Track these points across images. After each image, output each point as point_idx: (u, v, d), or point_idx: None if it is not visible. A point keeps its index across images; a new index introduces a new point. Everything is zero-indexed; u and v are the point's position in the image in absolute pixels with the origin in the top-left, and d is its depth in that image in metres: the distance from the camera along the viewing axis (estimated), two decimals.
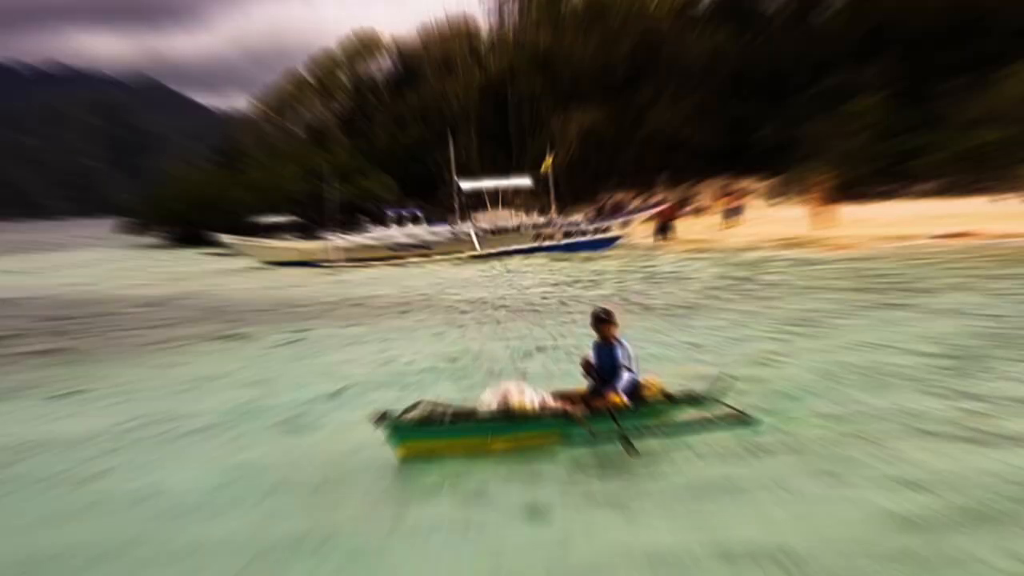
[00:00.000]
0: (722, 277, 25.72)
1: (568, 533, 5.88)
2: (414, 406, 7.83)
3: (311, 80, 66.96)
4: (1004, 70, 40.95)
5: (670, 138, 51.01)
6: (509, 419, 7.68)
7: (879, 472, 6.63)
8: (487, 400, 7.94)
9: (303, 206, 48.42)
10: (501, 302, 22.28)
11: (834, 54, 48.56)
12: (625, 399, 8.01)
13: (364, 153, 60.26)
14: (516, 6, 61.59)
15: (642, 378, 8.42)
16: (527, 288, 25.59)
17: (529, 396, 7.88)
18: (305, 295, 26.40)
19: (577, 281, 27.02)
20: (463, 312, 20.69)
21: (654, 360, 11.79)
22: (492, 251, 37.63)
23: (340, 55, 66.57)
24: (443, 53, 61.85)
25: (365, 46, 65.55)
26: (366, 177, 55.63)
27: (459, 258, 37.06)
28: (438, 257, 37.23)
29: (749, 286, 22.97)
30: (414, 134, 58.74)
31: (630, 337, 9.77)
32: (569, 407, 7.98)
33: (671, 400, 8.51)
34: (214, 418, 10.02)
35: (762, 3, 55.37)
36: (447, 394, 10.12)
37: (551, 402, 8.00)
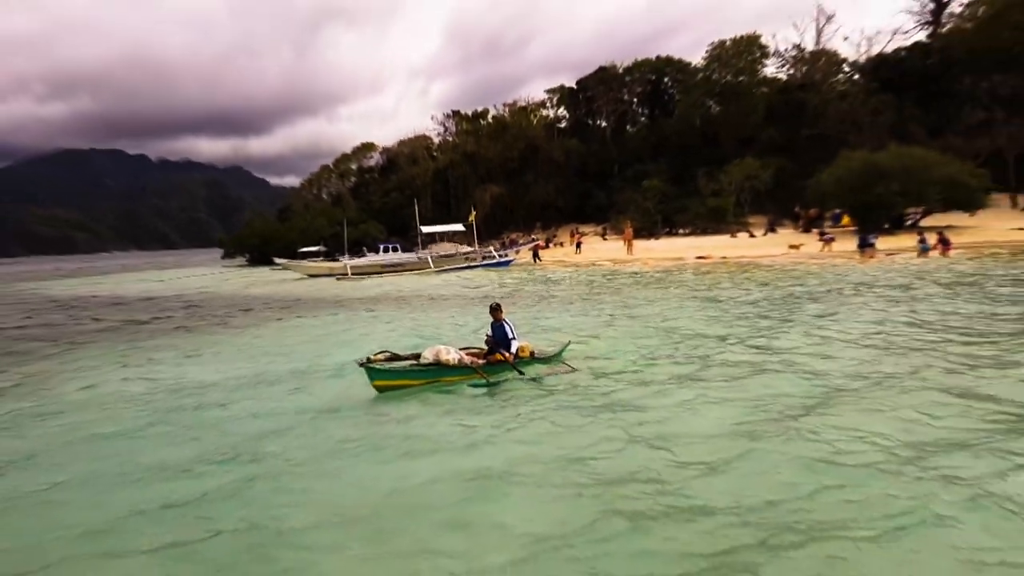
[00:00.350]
0: (575, 281, 31.91)
1: (471, 425, 8.93)
2: (382, 352, 11.34)
3: (333, 168, 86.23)
4: (729, 165, 57.90)
5: (543, 202, 66.84)
6: (440, 367, 10.99)
7: (631, 404, 9.51)
8: (426, 355, 11.08)
9: (328, 241, 59.98)
10: (448, 295, 28.27)
11: (637, 154, 66.32)
12: (511, 356, 11.52)
13: (365, 210, 74.34)
14: (454, 126, 78.60)
15: (520, 343, 11.92)
16: (461, 288, 31.43)
17: (453, 354, 11.13)
18: (332, 293, 32.57)
19: (489, 283, 33.59)
20: (431, 299, 27.00)
21: (539, 329, 16.44)
22: (441, 268, 46.05)
23: (351, 154, 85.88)
24: (411, 152, 78.40)
25: (365, 149, 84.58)
26: (366, 224, 68.31)
27: (422, 273, 44.41)
28: (408, 272, 44.99)
29: (591, 287, 28.34)
30: (395, 199, 72.24)
31: (525, 314, 17.40)
32: (475, 361, 11.42)
33: (534, 357, 12.10)
34: (289, 369, 13.54)
35: (597, 122, 73.06)
36: (416, 342, 14.46)
37: (466, 358, 11.27)
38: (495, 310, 11.97)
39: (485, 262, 46.74)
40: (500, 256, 48.56)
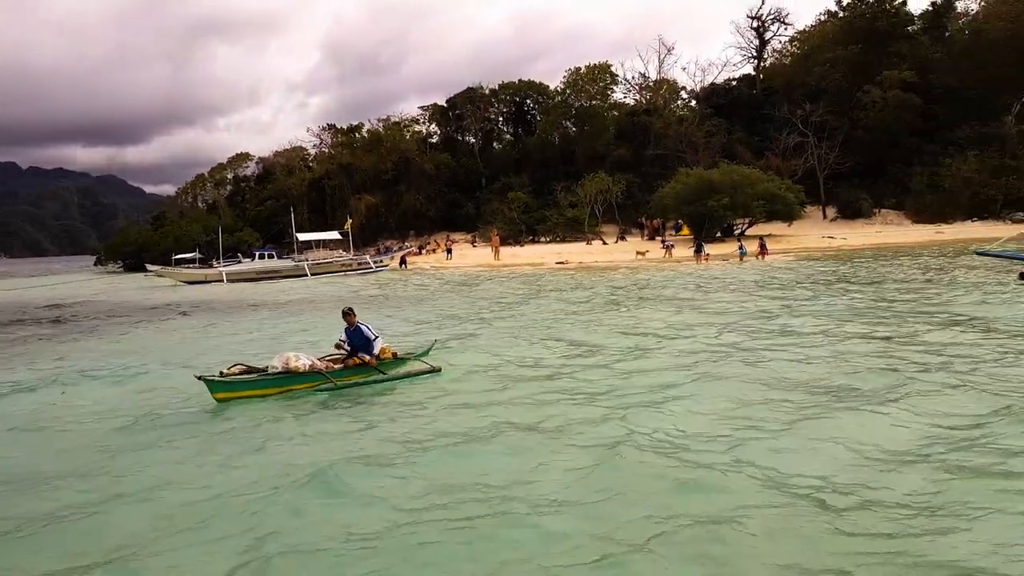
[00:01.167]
0: (444, 283, 33.87)
1: (316, 429, 8.68)
2: (235, 365, 10.57)
3: (208, 176, 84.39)
4: (584, 179, 60.60)
5: (416, 211, 68.51)
6: (290, 375, 10.51)
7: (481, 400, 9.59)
8: (274, 363, 10.55)
9: (204, 248, 59.31)
10: (324, 299, 28.86)
11: (503, 168, 69.56)
12: (372, 359, 11.23)
13: (240, 218, 73.67)
14: (329, 138, 79.42)
15: (382, 344, 11.58)
16: (337, 293, 32.07)
17: (302, 360, 10.62)
18: (205, 299, 32.05)
19: (364, 288, 34.58)
20: (309, 302, 27.57)
21: (412, 328, 17.02)
22: (317, 273, 46.20)
23: (226, 164, 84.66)
24: (287, 163, 78.46)
25: (241, 158, 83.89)
26: (242, 231, 68.30)
27: (298, 279, 44.21)
28: (284, 279, 44.57)
29: (459, 289, 30.23)
30: (270, 208, 71.77)
31: (394, 316, 18.42)
32: (330, 366, 11.05)
33: (397, 358, 11.84)
34: (158, 362, 13.68)
35: (466, 138, 76.01)
36: (282, 347, 12.93)
37: (318, 363, 10.79)
38: (348, 314, 11.54)
39: (360, 268, 47.15)
40: (375, 262, 49.27)
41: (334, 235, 54.51)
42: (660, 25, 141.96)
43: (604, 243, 56.04)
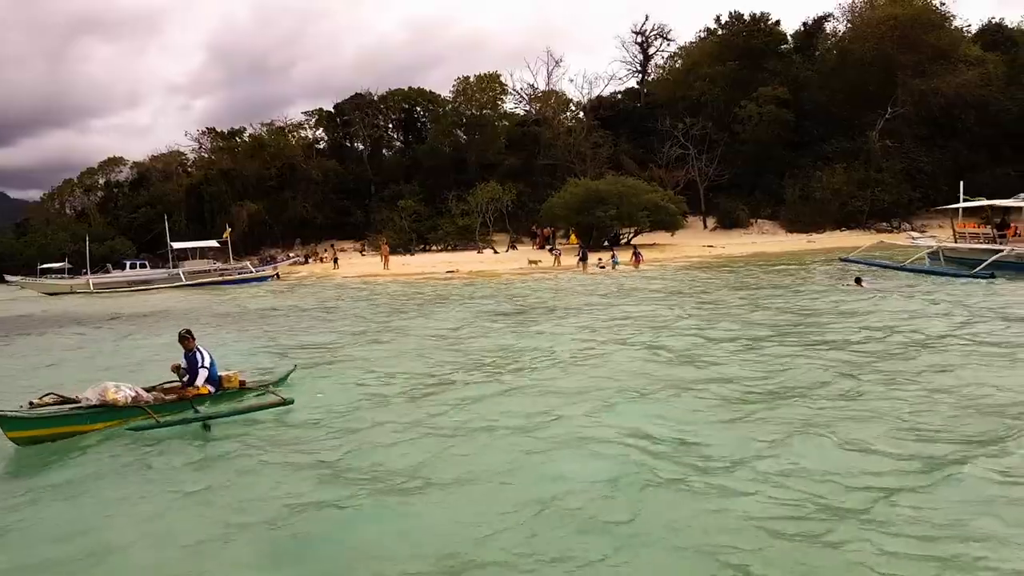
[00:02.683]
0: (327, 294, 33.21)
1: (101, 497, 6.99)
2: (48, 394, 8.99)
3: (77, 181, 78.12)
4: (475, 187, 60.51)
5: (302, 219, 66.26)
6: (107, 409, 8.87)
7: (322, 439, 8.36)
8: (88, 395, 8.94)
9: (72, 258, 55.56)
10: (198, 311, 27.89)
11: (393, 175, 68.20)
12: (209, 389, 9.72)
13: (113, 226, 69.40)
14: (209, 142, 75.49)
15: (224, 373, 10.15)
16: (214, 304, 30.88)
17: (123, 392, 9.03)
18: (68, 312, 31.39)
19: (245, 300, 33.12)
20: (181, 314, 26.40)
21: (277, 347, 15.73)
22: (193, 283, 45.58)
23: (97, 168, 78.74)
24: (164, 168, 74.18)
25: (113, 163, 77.94)
26: (114, 240, 64.69)
27: (173, 290, 43.47)
28: (157, 290, 43.84)
29: (342, 301, 28.86)
30: (145, 215, 68.06)
31: (267, 333, 17.11)
32: (160, 397, 9.54)
33: (244, 388, 10.30)
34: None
35: (354, 144, 74.13)
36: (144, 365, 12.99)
37: (143, 395, 9.27)
38: (185, 338, 9.97)
39: (241, 278, 45.98)
40: (257, 272, 47.95)
41: (213, 244, 52.25)
42: (553, 37, 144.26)
43: (495, 252, 55.44)
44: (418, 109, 74.37)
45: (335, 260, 53.29)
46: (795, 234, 56.57)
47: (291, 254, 60.39)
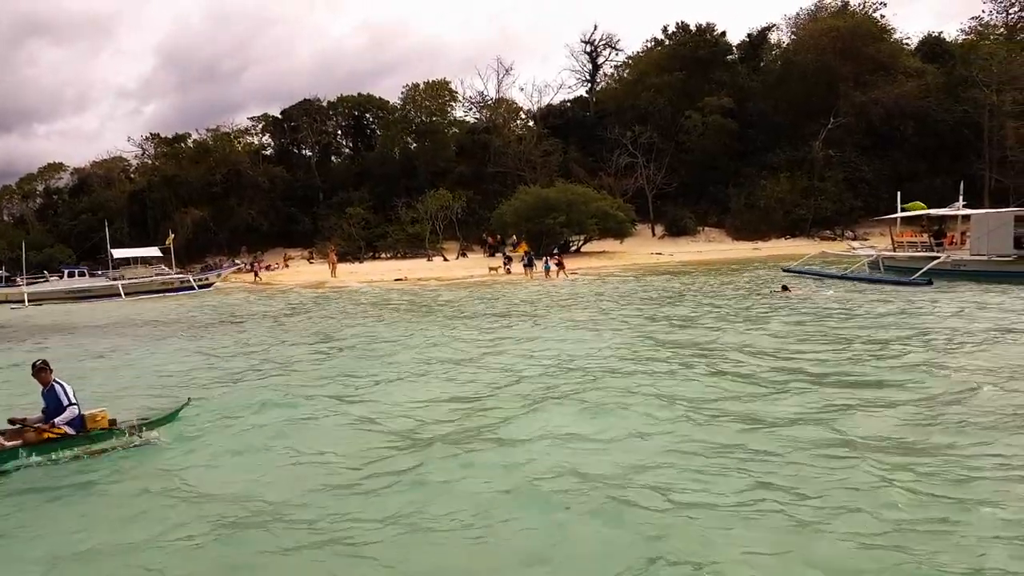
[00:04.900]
0: (270, 304, 31.63)
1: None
2: None
3: (16, 188, 75.26)
4: (425, 195, 58.98)
5: (248, 226, 64.48)
6: None
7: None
8: None
9: (8, 266, 54.01)
10: (139, 322, 26.46)
11: (342, 182, 66.72)
12: (67, 430, 8.25)
13: (52, 233, 67.09)
14: (153, 148, 73.45)
15: (90, 411, 8.56)
16: (155, 314, 29.58)
17: None
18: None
19: (180, 309, 31.83)
20: (113, 326, 25.25)
21: (185, 370, 13.78)
22: (133, 293, 43.44)
23: (36, 174, 75.84)
24: (106, 174, 71.74)
25: (53, 169, 75.28)
26: (53, 248, 62.60)
27: (111, 298, 42.04)
28: (96, 299, 42.01)
29: (284, 312, 27.54)
30: (86, 222, 65.47)
31: (184, 350, 15.86)
32: (10, 439, 8.06)
33: (113, 428, 8.56)
34: None
35: (302, 151, 72.41)
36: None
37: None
38: (40, 370, 8.54)
39: (184, 287, 44.42)
40: (199, 280, 46.21)
41: (155, 251, 50.23)
42: (507, 45, 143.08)
43: (445, 259, 54.45)
44: (368, 116, 72.87)
45: (263, 268, 52.18)
46: (741, 241, 56.68)
47: (237, 261, 58.52)
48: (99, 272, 48.86)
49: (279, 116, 71.91)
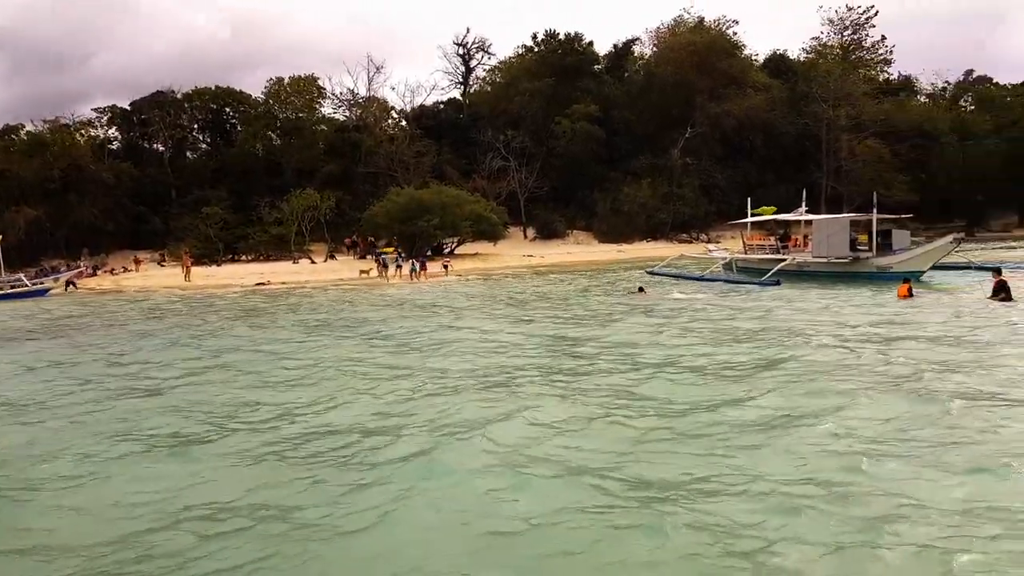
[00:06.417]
0: (109, 311, 30.59)
1: None
2: None
3: None
4: (291, 194, 56.05)
5: (91, 227, 59.46)
6: None
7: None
8: None
9: None
10: None
11: (197, 180, 63.14)
12: None
13: None
14: None
15: None
16: None
17: None
18: None
19: (21, 316, 29.53)
20: None
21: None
22: None
23: None
24: None
25: None
26: None
27: None
28: None
29: (129, 320, 25.63)
30: None
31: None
32: None
33: None
34: None
35: (153, 145, 68.05)
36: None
37: None
38: None
39: (14, 291, 41.25)
40: (34, 284, 43.13)
41: None
42: (380, 42, 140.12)
43: (313, 262, 52.73)
44: (228, 110, 69.29)
45: (92, 272, 49.69)
46: (607, 244, 59.13)
47: (77, 264, 54.70)
48: None
49: (128, 108, 67.06)
